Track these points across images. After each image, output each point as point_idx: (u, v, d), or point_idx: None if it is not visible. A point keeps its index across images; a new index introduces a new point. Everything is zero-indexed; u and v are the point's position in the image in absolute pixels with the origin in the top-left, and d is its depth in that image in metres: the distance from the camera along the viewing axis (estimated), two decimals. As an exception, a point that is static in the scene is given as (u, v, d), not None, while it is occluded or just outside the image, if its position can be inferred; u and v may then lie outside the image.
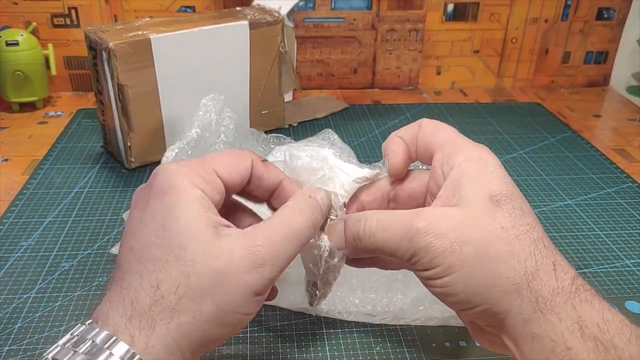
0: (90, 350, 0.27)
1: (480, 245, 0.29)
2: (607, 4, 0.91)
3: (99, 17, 0.84)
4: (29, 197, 0.60)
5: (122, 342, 0.27)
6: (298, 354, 0.42)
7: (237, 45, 0.67)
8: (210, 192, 0.31)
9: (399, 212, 0.31)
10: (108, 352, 0.27)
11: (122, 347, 0.27)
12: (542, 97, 0.93)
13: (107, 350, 0.27)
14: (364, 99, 0.89)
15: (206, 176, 0.32)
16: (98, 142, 0.72)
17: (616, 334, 0.27)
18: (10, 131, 0.76)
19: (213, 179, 0.32)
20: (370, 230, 0.31)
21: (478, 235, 0.29)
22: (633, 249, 0.55)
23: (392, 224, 0.31)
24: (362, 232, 0.32)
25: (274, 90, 0.73)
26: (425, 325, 0.45)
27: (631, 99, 0.92)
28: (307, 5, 0.86)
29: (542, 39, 0.93)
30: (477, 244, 0.29)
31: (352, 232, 0.32)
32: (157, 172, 0.32)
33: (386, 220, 0.31)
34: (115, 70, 0.59)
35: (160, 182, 0.31)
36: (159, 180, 0.31)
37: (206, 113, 0.55)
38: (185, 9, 0.85)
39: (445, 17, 0.89)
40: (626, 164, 0.71)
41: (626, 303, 0.48)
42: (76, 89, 0.89)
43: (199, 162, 0.33)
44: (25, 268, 0.50)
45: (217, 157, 0.33)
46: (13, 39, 0.76)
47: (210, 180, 0.32)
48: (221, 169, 0.33)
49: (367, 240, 0.31)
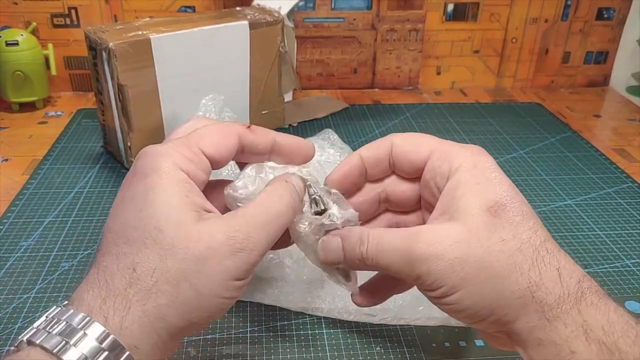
0: (64, 330, 0.27)
1: (481, 262, 0.29)
2: (607, 4, 0.91)
3: (99, 17, 0.84)
4: (29, 197, 0.60)
5: (96, 323, 0.27)
6: (298, 354, 0.42)
7: (237, 45, 0.67)
8: (194, 172, 0.31)
9: (398, 234, 0.31)
10: (82, 333, 0.26)
11: (97, 328, 0.27)
12: (542, 97, 0.93)
13: (81, 331, 0.26)
14: (364, 99, 0.89)
15: (192, 156, 0.31)
16: (98, 142, 0.72)
17: (621, 336, 0.27)
18: (10, 131, 0.76)
19: (199, 158, 0.32)
20: (372, 254, 0.31)
21: (478, 252, 0.29)
22: (633, 249, 0.55)
23: (392, 249, 0.30)
24: (366, 254, 0.31)
25: (274, 90, 0.73)
26: (425, 325, 0.45)
27: (631, 99, 0.92)
28: (307, 5, 0.86)
29: (542, 39, 0.93)
30: (478, 261, 0.29)
31: (354, 253, 0.32)
32: (141, 154, 0.32)
33: (386, 244, 0.31)
34: (115, 70, 0.59)
35: (143, 163, 0.31)
36: (142, 162, 0.31)
37: (206, 113, 0.55)
38: (185, 9, 0.85)
39: (445, 17, 0.89)
40: (626, 164, 0.71)
41: (626, 303, 0.48)
42: (76, 89, 0.89)
43: (184, 142, 0.32)
44: (25, 268, 0.50)
45: (203, 134, 0.33)
46: (13, 39, 0.76)
47: (195, 160, 0.31)
48: (208, 146, 0.32)
49: (371, 262, 0.31)
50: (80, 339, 0.26)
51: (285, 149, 0.35)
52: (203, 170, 0.32)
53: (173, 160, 0.30)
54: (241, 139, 0.33)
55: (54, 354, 0.26)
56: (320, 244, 0.33)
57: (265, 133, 0.34)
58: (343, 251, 0.32)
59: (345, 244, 0.32)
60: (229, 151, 0.33)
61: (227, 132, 0.33)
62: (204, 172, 0.32)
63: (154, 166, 0.30)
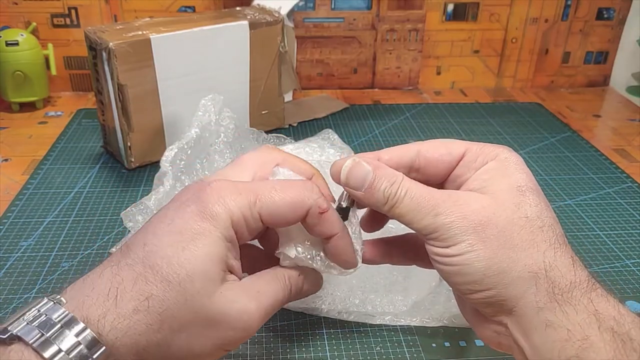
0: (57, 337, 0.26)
1: (503, 230, 0.29)
2: (607, 4, 0.91)
3: (99, 17, 0.84)
4: (29, 197, 0.60)
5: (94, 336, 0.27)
6: (298, 354, 0.42)
7: (237, 45, 0.67)
8: (243, 233, 0.31)
9: (429, 188, 0.31)
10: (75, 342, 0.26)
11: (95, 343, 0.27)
12: (542, 97, 0.93)
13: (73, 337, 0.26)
14: (364, 99, 0.89)
15: (249, 217, 0.30)
16: (98, 142, 0.72)
17: (632, 327, 0.27)
18: (10, 131, 0.76)
19: (256, 225, 0.31)
20: (399, 196, 0.31)
21: (502, 221, 0.29)
22: (633, 249, 0.55)
23: (421, 196, 0.31)
24: (393, 195, 0.31)
25: (274, 90, 0.73)
26: (425, 326, 0.45)
27: (631, 99, 0.92)
28: (307, 5, 0.86)
29: (542, 39, 0.93)
30: (500, 228, 0.29)
31: (380, 188, 0.31)
32: (213, 182, 0.31)
33: (416, 191, 0.31)
34: (115, 70, 0.59)
35: (208, 199, 0.30)
36: (207, 197, 0.30)
37: (205, 113, 0.55)
38: (185, 9, 0.85)
39: (445, 17, 0.89)
40: (626, 164, 0.71)
41: (626, 303, 0.48)
42: (76, 89, 0.89)
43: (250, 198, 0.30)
44: (25, 268, 0.50)
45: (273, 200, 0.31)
46: (13, 39, 0.76)
47: (250, 224, 0.31)
48: (270, 216, 0.31)
49: (392, 203, 0.31)
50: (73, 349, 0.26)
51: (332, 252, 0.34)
52: (251, 234, 0.31)
53: (231, 214, 0.30)
54: (308, 218, 0.32)
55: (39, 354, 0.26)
56: (346, 166, 0.32)
57: (331, 228, 0.32)
58: (372, 181, 0.31)
59: (377, 175, 0.32)
60: (287, 223, 0.32)
61: (299, 207, 0.31)
62: (250, 235, 0.32)
63: (213, 212, 0.30)
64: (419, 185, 0.31)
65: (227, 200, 0.30)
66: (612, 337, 0.27)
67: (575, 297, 0.28)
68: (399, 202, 0.31)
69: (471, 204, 0.30)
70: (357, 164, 0.32)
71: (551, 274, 0.29)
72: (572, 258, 0.30)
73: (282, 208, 0.31)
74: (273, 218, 0.31)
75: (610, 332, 0.27)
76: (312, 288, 0.36)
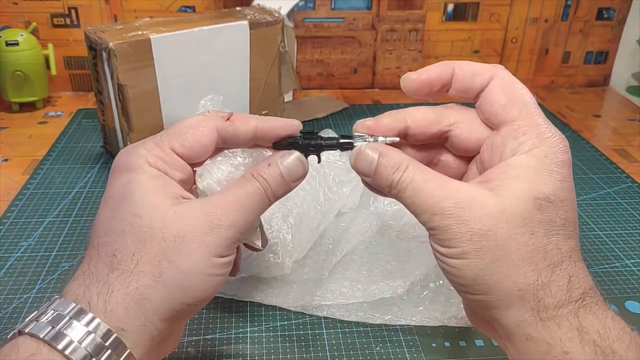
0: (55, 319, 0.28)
1: (501, 245, 0.28)
2: (607, 4, 0.91)
3: (99, 17, 0.84)
4: (29, 197, 0.60)
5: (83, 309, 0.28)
6: (298, 354, 0.42)
7: (237, 45, 0.67)
8: (170, 172, 0.32)
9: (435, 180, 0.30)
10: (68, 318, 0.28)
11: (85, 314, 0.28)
12: (542, 97, 0.93)
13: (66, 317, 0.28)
14: (364, 99, 0.89)
15: (163, 156, 0.32)
16: (98, 142, 0.72)
17: (615, 340, 0.27)
18: (10, 131, 0.76)
19: (172, 159, 0.32)
20: (402, 186, 0.30)
21: (502, 235, 0.28)
22: (633, 249, 0.55)
23: (422, 190, 0.30)
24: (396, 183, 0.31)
25: (274, 90, 0.73)
26: (425, 325, 0.45)
27: (631, 99, 0.92)
28: (307, 5, 0.86)
29: (542, 39, 0.93)
30: (498, 242, 0.28)
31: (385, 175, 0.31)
32: (117, 156, 0.33)
33: (419, 183, 0.30)
34: (115, 70, 0.59)
35: (119, 163, 0.32)
36: (117, 162, 0.32)
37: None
38: (185, 9, 0.85)
39: (445, 17, 0.89)
40: (626, 164, 0.71)
41: (626, 303, 0.48)
42: (76, 89, 0.89)
43: (157, 142, 0.32)
44: (25, 268, 0.50)
45: (175, 134, 0.33)
46: (13, 39, 0.76)
47: (168, 160, 0.32)
48: (179, 147, 0.32)
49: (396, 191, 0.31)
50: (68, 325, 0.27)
51: (268, 133, 0.34)
52: (178, 170, 0.32)
53: (146, 159, 0.31)
54: (220, 132, 0.33)
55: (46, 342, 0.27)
56: (355, 151, 0.32)
57: (245, 121, 0.34)
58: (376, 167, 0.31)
59: (381, 162, 0.31)
60: (204, 148, 0.33)
61: (202, 129, 0.33)
62: (179, 172, 0.32)
63: (128, 164, 0.31)
64: (425, 175, 0.30)
65: (134, 152, 0.32)
66: (594, 350, 0.27)
67: (561, 314, 0.28)
68: (401, 191, 0.30)
69: (474, 208, 0.28)
70: (362, 152, 0.32)
71: (541, 293, 0.28)
72: (569, 277, 0.28)
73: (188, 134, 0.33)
74: (186, 147, 0.32)
75: (592, 346, 0.27)
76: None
